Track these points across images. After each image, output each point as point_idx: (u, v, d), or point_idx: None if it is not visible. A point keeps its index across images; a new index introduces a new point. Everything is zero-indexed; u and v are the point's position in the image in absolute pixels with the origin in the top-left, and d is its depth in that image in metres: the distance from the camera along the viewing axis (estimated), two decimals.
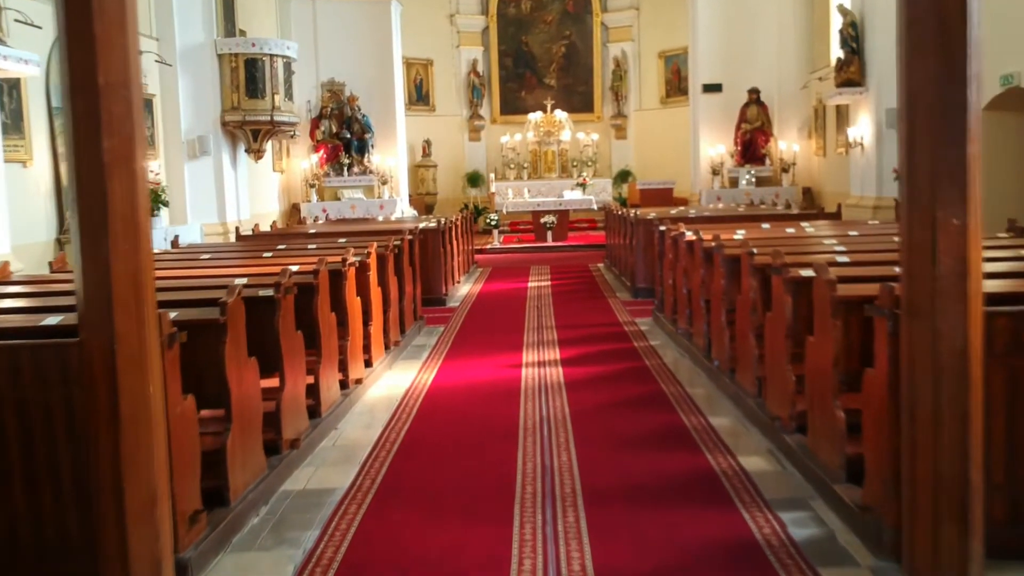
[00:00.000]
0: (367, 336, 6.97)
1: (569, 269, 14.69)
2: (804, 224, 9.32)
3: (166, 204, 10.55)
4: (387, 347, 7.67)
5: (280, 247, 8.62)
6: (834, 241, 7.11)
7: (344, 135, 17.85)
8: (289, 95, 13.32)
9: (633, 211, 12.16)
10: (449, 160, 22.89)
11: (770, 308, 5.21)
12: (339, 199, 17.40)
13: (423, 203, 21.81)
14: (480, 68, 23.34)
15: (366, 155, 17.93)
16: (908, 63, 3.10)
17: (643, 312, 9.83)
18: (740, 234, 8.05)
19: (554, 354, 7.81)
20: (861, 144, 13.36)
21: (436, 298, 11.00)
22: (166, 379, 3.41)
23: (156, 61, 11.86)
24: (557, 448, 5.06)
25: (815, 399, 4.45)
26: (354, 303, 6.49)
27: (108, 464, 2.86)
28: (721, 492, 4.35)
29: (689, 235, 7.84)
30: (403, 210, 17.89)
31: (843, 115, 15.89)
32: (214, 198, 12.73)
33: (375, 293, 7.23)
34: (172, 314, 3.87)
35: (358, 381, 6.45)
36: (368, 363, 6.97)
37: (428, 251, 11.03)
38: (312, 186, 17.50)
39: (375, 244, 7.30)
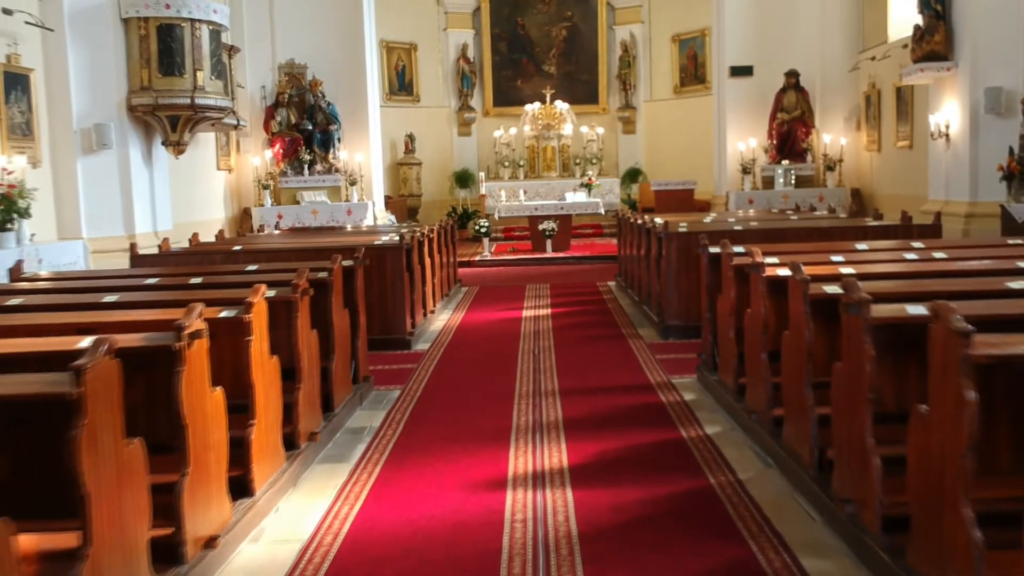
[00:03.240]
0: (244, 446, 4.14)
1: (574, 288, 11.89)
2: (917, 244, 6.45)
3: (25, 214, 7.69)
4: (294, 446, 4.83)
5: (150, 280, 5.79)
6: (1022, 284, 4.28)
7: (305, 127, 15.00)
8: (218, 72, 10.42)
9: (657, 220, 9.33)
10: (435, 157, 20.40)
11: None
12: (298, 203, 14.57)
13: (405, 206, 19.12)
14: (471, 53, 21.16)
15: (332, 151, 15.07)
16: None
17: (680, 364, 7.02)
18: (841, 261, 5.24)
19: (559, 456, 4.96)
20: (946, 135, 10.52)
21: (397, 339, 8.18)
22: None
23: (30, 24, 8.97)
24: None
25: None
26: (200, 405, 3.63)
27: None
28: None
29: (773, 263, 5.00)
30: (376, 215, 15.05)
31: (906, 100, 13.07)
32: (119, 204, 9.85)
33: (262, 371, 4.36)
34: None
35: (209, 542, 3.60)
36: (247, 489, 4.14)
37: (387, 276, 8.21)
38: (266, 187, 14.62)
39: (263, 288, 4.40)
